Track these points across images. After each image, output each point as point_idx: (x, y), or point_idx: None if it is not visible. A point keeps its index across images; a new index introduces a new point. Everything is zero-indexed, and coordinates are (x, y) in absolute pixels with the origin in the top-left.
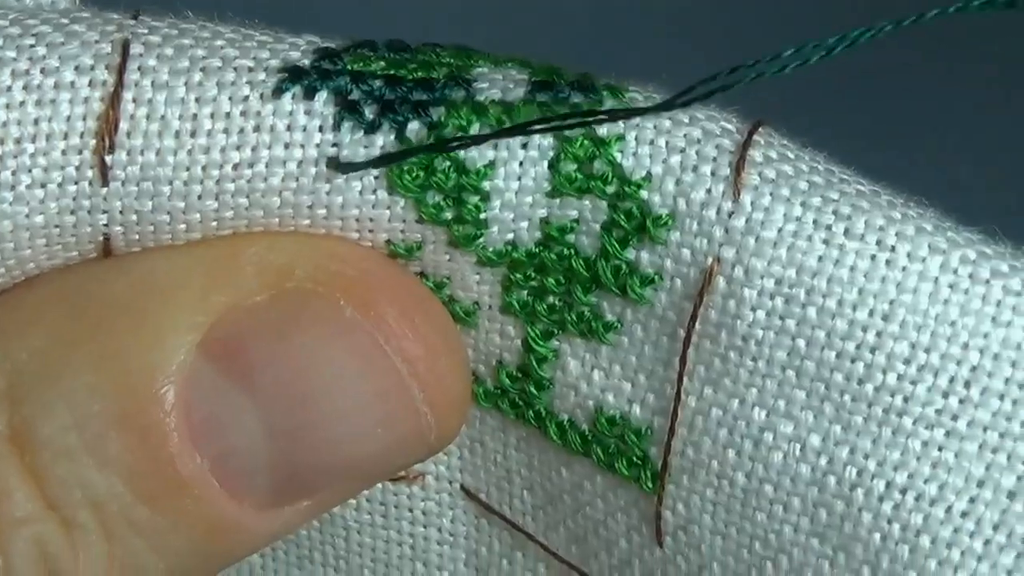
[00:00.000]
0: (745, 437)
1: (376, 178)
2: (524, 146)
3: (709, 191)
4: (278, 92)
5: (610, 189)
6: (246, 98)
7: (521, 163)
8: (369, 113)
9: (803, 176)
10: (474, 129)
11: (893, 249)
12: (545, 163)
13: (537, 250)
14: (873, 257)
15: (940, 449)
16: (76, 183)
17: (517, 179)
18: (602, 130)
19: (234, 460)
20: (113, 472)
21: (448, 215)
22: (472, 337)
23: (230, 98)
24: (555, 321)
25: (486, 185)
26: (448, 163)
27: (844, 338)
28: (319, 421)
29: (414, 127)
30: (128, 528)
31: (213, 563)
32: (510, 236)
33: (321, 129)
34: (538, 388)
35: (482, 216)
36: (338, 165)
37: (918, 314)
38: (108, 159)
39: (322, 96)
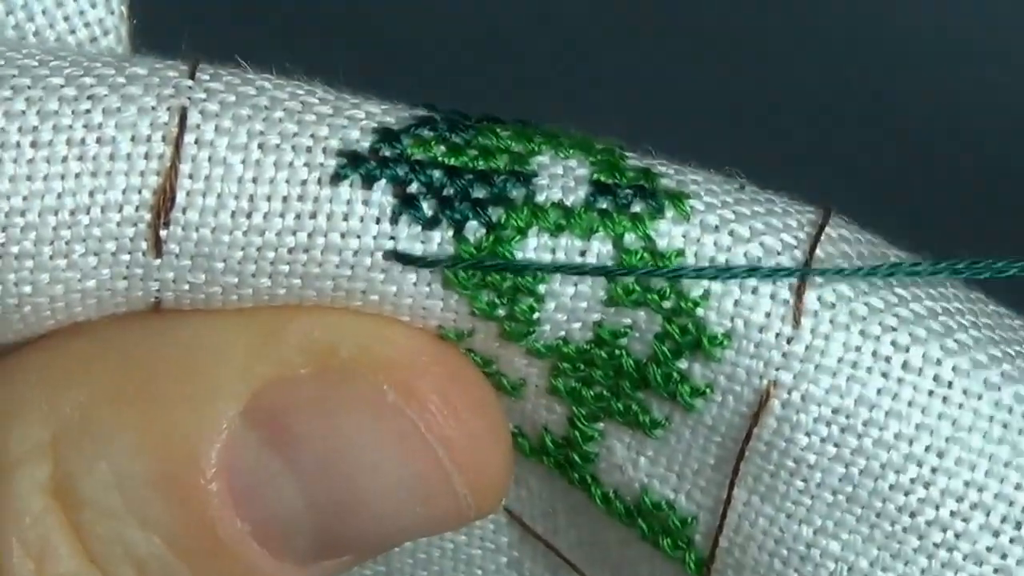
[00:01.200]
0: (791, 550)
1: (431, 272)
2: (582, 254)
3: (768, 314)
4: (336, 179)
5: (667, 304)
6: (304, 182)
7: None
8: (427, 208)
9: (861, 297)
10: (532, 231)
11: (950, 385)
12: None
13: (588, 347)
14: (930, 392)
15: None
16: (129, 252)
17: (573, 285)
18: (662, 243)
19: (274, 524)
20: (154, 532)
21: (501, 312)
22: (519, 405)
23: (287, 180)
24: (601, 408)
25: (541, 288)
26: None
27: (898, 470)
28: (358, 497)
29: (472, 226)
30: None
31: None
32: (562, 333)
33: (378, 220)
34: (583, 460)
35: (535, 316)
36: (396, 256)
37: (972, 452)
38: (163, 233)
39: (380, 185)
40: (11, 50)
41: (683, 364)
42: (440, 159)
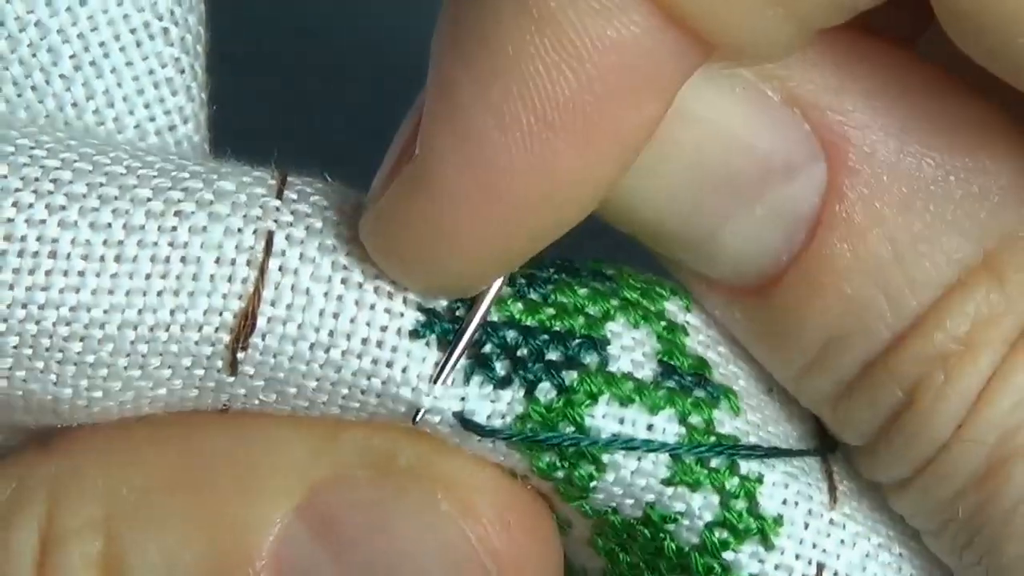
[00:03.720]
0: None
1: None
2: (649, 427)
3: (814, 499)
4: (414, 335)
5: (728, 485)
6: (384, 328)
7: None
8: (500, 368)
9: None
10: (603, 398)
11: None
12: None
13: (634, 523)
14: None
15: None
16: (204, 368)
17: (637, 460)
18: (724, 429)
19: None
20: None
21: (560, 475)
22: (562, 539)
23: (368, 323)
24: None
25: (605, 458)
26: (572, 428)
27: None
28: None
29: (544, 387)
30: None
31: None
32: (613, 504)
33: (452, 381)
34: None
35: (592, 484)
36: (462, 421)
37: None
38: (240, 355)
39: None
40: (99, 154)
41: (729, 556)
42: (517, 317)
